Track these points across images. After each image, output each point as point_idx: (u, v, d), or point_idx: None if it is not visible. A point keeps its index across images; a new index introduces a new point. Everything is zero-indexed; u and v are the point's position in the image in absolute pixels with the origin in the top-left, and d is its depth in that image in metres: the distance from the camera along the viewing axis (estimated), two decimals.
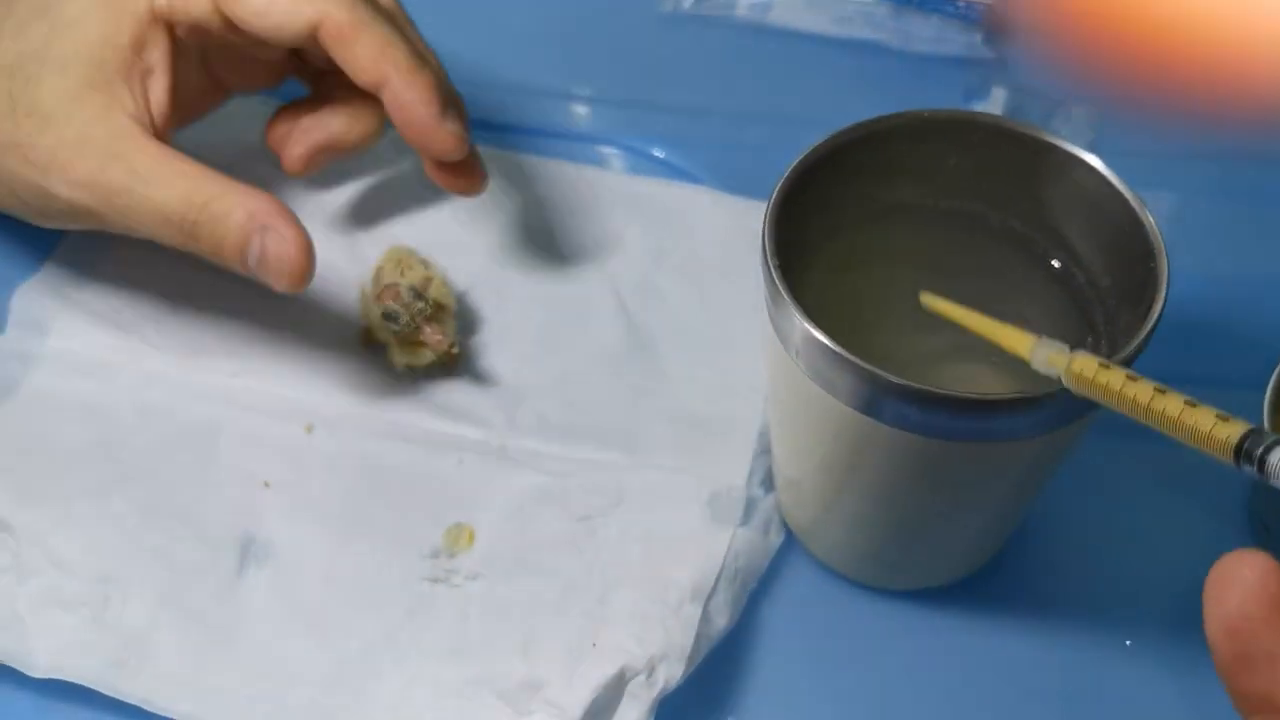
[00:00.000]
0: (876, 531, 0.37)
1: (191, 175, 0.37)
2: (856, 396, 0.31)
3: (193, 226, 0.37)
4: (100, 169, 0.37)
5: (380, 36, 0.38)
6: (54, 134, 0.37)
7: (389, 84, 0.38)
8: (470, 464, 0.40)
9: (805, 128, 0.50)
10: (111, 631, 0.36)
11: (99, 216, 0.38)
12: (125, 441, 0.40)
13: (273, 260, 0.37)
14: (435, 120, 0.39)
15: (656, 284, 0.45)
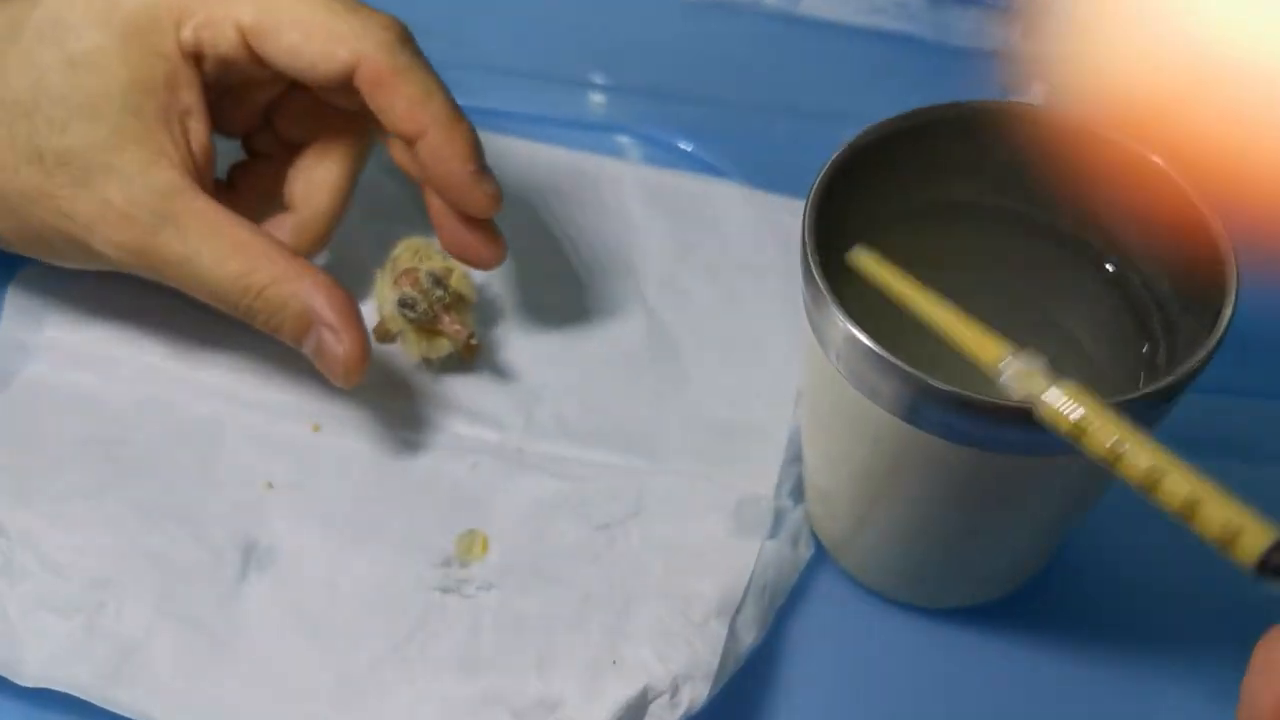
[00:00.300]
0: (913, 546, 0.35)
1: (246, 250, 0.35)
2: (899, 403, 0.29)
3: (247, 310, 0.36)
4: (150, 234, 0.35)
5: (421, 85, 0.36)
6: (95, 192, 0.35)
7: (427, 136, 0.36)
8: (485, 467, 0.38)
9: (835, 122, 0.48)
10: (105, 639, 0.34)
11: (143, 274, 0.36)
12: (124, 438, 0.38)
13: (328, 360, 0.36)
14: (473, 177, 0.37)
15: (682, 282, 0.44)
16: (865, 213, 0.34)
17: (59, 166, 0.35)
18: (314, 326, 0.36)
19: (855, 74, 0.51)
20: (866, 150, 0.33)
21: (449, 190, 0.37)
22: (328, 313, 0.35)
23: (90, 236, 0.35)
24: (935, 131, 0.33)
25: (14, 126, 0.35)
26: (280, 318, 0.36)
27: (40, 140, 0.35)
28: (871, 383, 0.29)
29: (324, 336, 0.36)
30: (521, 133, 0.47)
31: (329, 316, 0.35)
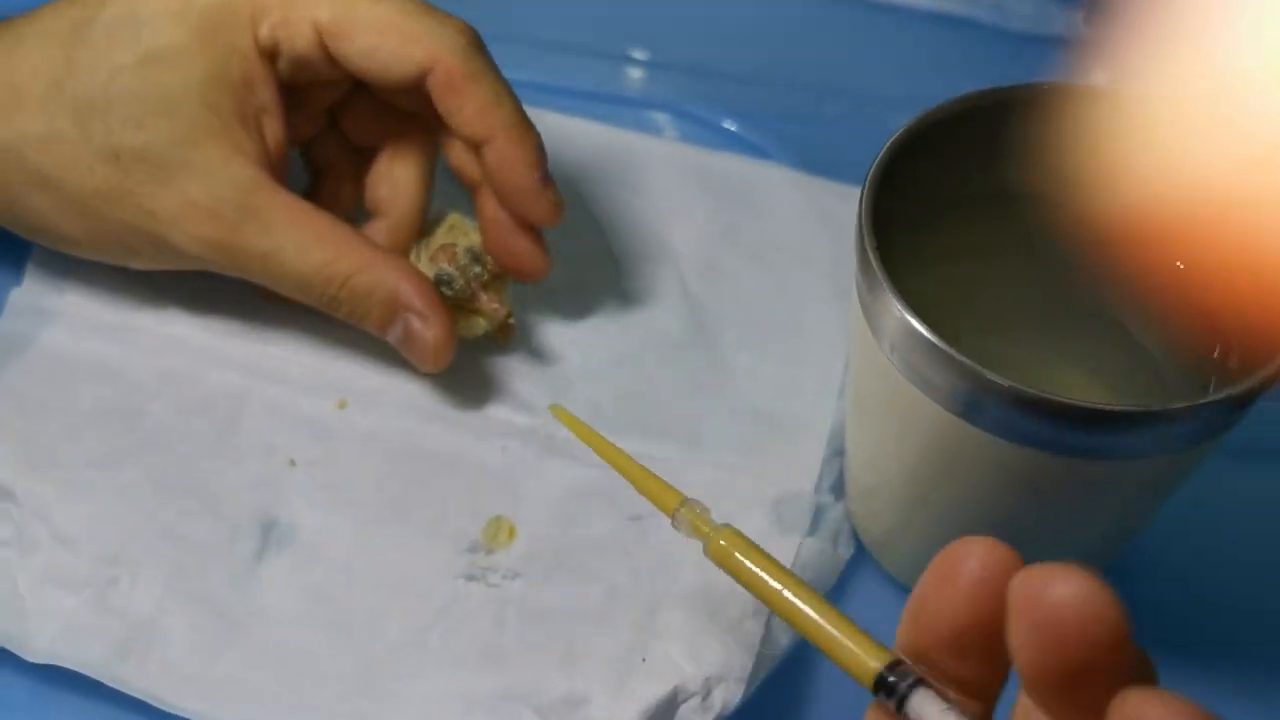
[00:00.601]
0: None
1: (330, 241, 0.35)
2: (955, 398, 0.28)
3: (331, 301, 0.36)
4: (233, 230, 0.35)
5: (492, 90, 0.36)
6: (175, 188, 0.35)
7: (495, 141, 0.36)
8: (514, 452, 0.37)
9: (886, 106, 0.47)
10: (116, 616, 0.33)
11: (222, 268, 0.36)
12: (142, 409, 0.37)
13: (416, 346, 0.36)
14: (539, 185, 0.37)
15: (724, 266, 0.42)
16: (921, 199, 0.32)
17: (136, 164, 0.34)
18: (400, 313, 0.36)
19: (908, 57, 0.49)
20: (926, 133, 0.31)
21: (512, 197, 0.37)
22: (415, 299, 0.36)
23: (172, 233, 0.35)
24: (998, 115, 0.32)
25: (88, 126, 0.34)
26: (367, 305, 0.36)
27: (115, 138, 0.34)
28: (927, 376, 0.28)
29: (411, 323, 0.36)
30: (561, 107, 0.46)
31: (416, 302, 0.36)
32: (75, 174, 0.35)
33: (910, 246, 0.32)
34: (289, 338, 0.39)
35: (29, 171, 0.35)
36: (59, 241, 0.37)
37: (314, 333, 0.39)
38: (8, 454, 0.36)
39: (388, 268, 0.36)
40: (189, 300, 0.39)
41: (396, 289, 0.35)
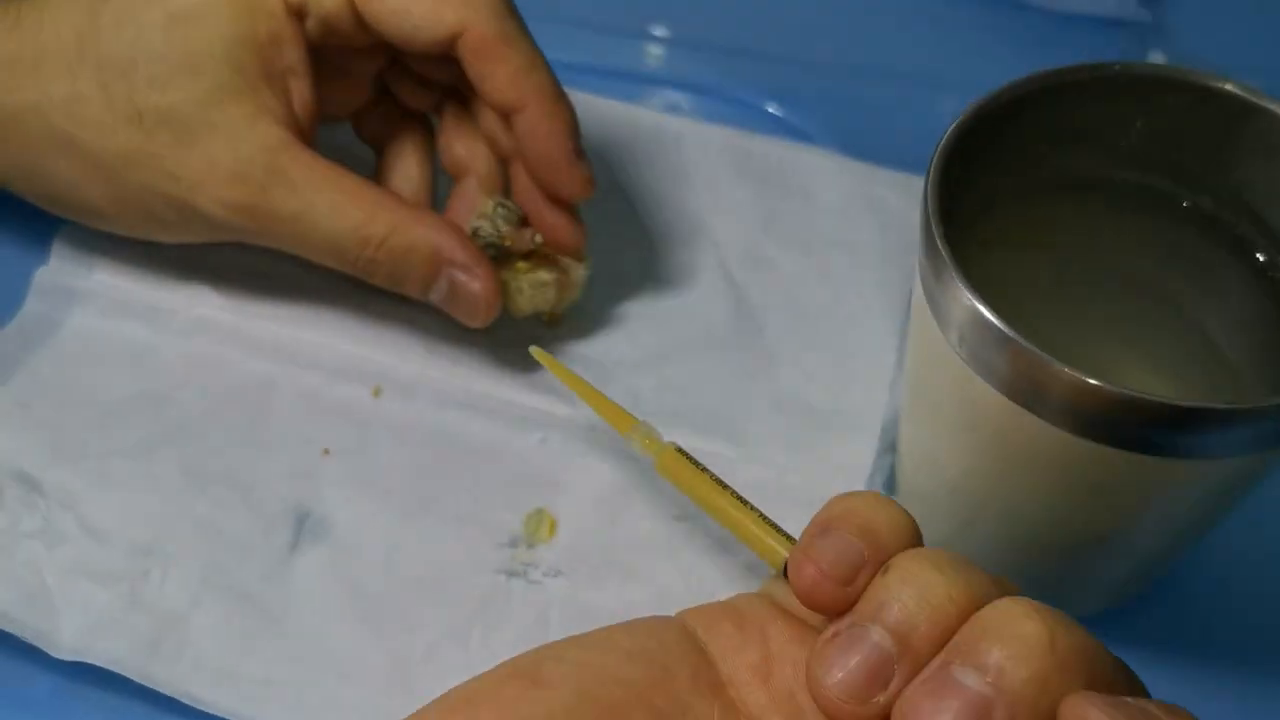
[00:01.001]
0: (1021, 552, 0.32)
1: (364, 200, 0.34)
2: (1027, 391, 0.26)
3: (369, 264, 0.34)
4: (260, 191, 0.34)
5: (525, 56, 0.35)
6: (200, 149, 0.33)
7: (527, 110, 0.35)
8: (555, 443, 0.36)
9: (934, 89, 0.46)
10: (146, 610, 0.32)
11: (251, 235, 0.35)
12: (172, 395, 0.36)
13: (463, 300, 0.35)
14: (570, 157, 0.35)
15: (767, 254, 0.41)
16: (985, 184, 0.31)
17: (160, 125, 0.33)
18: (443, 270, 0.34)
19: (957, 38, 0.48)
20: (991, 115, 0.30)
21: (543, 168, 0.35)
22: (458, 252, 0.34)
23: (196, 196, 0.34)
24: (1070, 96, 0.30)
25: (111, 87, 0.33)
26: (407, 265, 0.34)
27: (139, 99, 0.33)
28: (996, 367, 0.27)
29: (456, 278, 0.34)
30: (595, 88, 0.44)
31: (460, 255, 0.34)
32: (98, 136, 0.34)
33: (974, 233, 0.30)
34: (321, 321, 0.38)
35: (54, 134, 0.34)
36: (82, 211, 0.36)
37: (347, 316, 0.38)
38: (36, 443, 0.35)
39: (425, 224, 0.34)
40: (218, 281, 0.38)
41: (438, 244, 0.34)
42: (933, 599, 0.22)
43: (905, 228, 0.41)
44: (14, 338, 0.37)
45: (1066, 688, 0.21)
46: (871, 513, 0.24)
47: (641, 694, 0.23)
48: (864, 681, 0.22)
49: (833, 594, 0.23)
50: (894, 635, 0.22)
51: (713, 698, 0.24)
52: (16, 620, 0.32)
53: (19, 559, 0.33)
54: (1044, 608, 0.22)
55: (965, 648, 0.22)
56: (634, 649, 0.24)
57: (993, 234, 0.31)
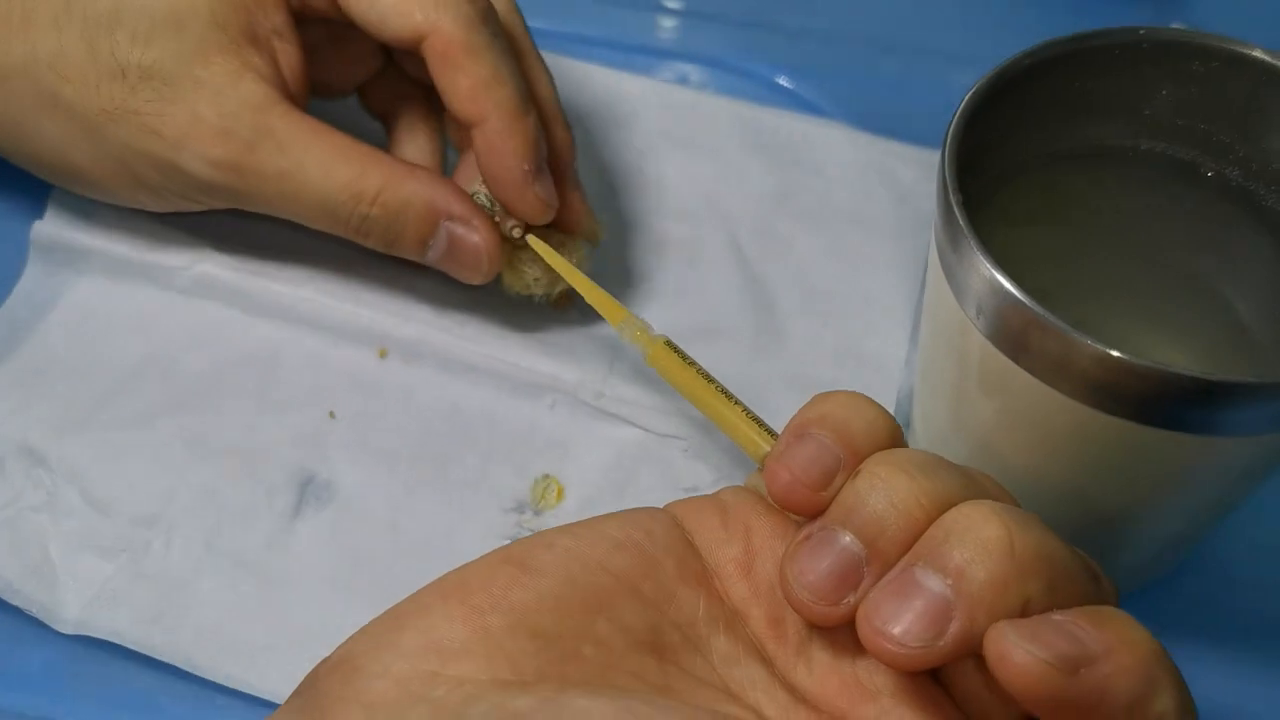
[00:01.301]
0: None
1: (354, 158, 0.33)
2: (1049, 366, 0.26)
3: (360, 222, 0.34)
4: (248, 149, 0.33)
5: (489, 68, 0.33)
6: (184, 105, 0.33)
7: (485, 125, 0.33)
8: (564, 408, 0.35)
9: (948, 61, 0.45)
10: (150, 581, 0.32)
11: (239, 198, 0.34)
12: (176, 360, 0.36)
13: (464, 254, 0.34)
14: (524, 179, 0.34)
15: (778, 229, 0.40)
16: (1004, 155, 0.30)
17: (143, 81, 0.33)
18: (440, 224, 0.34)
19: (973, 8, 0.47)
20: (1009, 84, 0.29)
21: (499, 186, 0.34)
22: (455, 205, 0.34)
23: (179, 154, 0.33)
24: (1091, 63, 0.30)
25: (95, 42, 0.33)
26: (401, 222, 0.34)
27: (122, 54, 0.33)
28: (1018, 341, 0.26)
29: (455, 231, 0.34)
30: (605, 60, 0.44)
31: (455, 208, 0.34)
32: (83, 93, 0.33)
33: (992, 206, 0.30)
34: (325, 281, 0.37)
35: (40, 92, 0.33)
36: (66, 172, 0.35)
37: (351, 277, 0.37)
38: (42, 416, 0.34)
39: (419, 178, 0.34)
40: (218, 236, 0.38)
41: (433, 197, 0.33)
42: (900, 503, 0.23)
43: (920, 203, 0.41)
44: (23, 302, 0.36)
45: (1026, 589, 0.22)
46: (848, 414, 0.25)
47: (629, 582, 0.24)
48: (833, 584, 0.23)
49: (806, 498, 0.24)
50: (863, 538, 0.23)
51: (698, 587, 0.25)
52: (21, 593, 0.31)
53: (24, 532, 0.32)
54: (1005, 510, 0.23)
55: (928, 550, 0.22)
56: (622, 539, 0.25)
57: (1012, 206, 0.30)
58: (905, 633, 0.22)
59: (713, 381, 0.30)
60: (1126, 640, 0.21)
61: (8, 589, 0.31)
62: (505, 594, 0.23)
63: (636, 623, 0.24)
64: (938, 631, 0.22)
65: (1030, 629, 0.21)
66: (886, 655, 0.22)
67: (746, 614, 0.25)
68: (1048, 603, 0.22)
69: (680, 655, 0.24)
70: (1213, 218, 0.30)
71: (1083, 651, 0.21)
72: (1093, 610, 0.22)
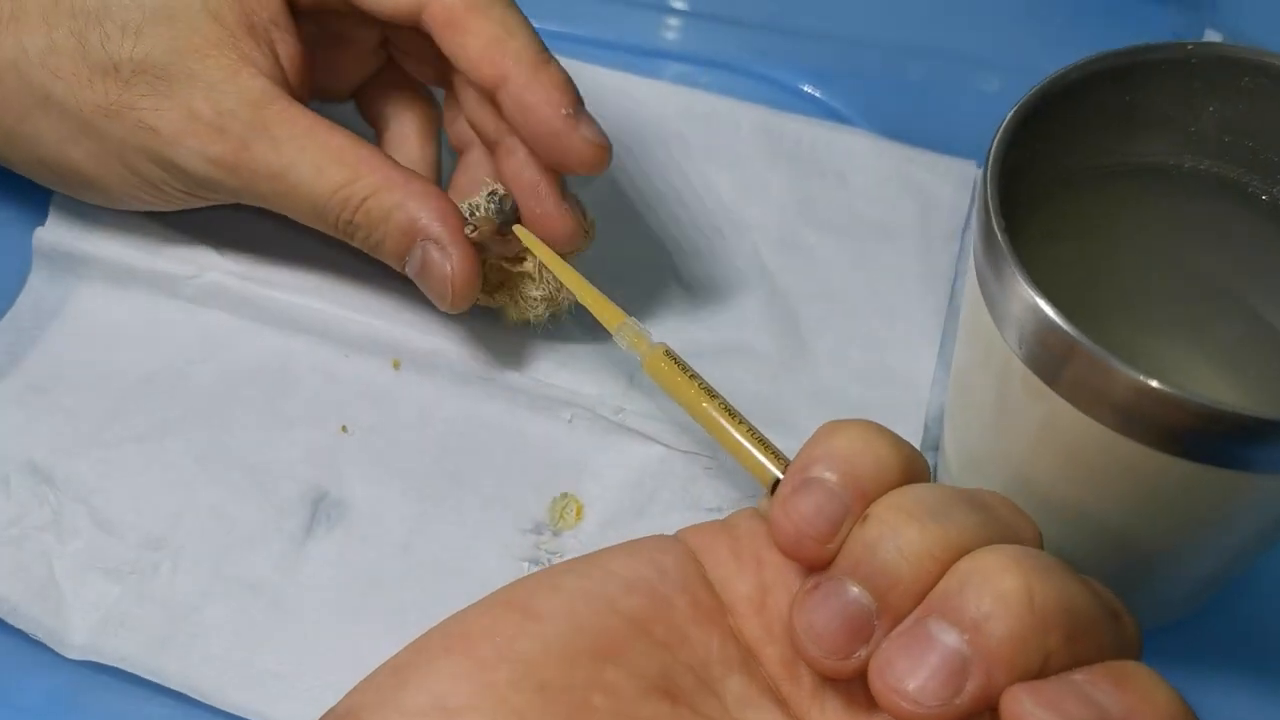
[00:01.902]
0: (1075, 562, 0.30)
1: (347, 160, 0.32)
2: (1091, 396, 0.24)
3: (346, 227, 0.32)
4: (242, 146, 0.32)
5: (497, 22, 0.32)
6: (178, 99, 0.32)
7: (508, 82, 0.32)
8: (583, 424, 0.34)
9: (975, 67, 0.44)
10: (158, 605, 0.31)
11: (235, 194, 0.33)
12: (185, 374, 0.35)
13: (432, 279, 0.32)
14: (568, 125, 0.32)
15: (802, 240, 0.39)
16: (1044, 171, 0.29)
17: (136, 75, 0.32)
18: (417, 242, 0.32)
19: (998, 13, 0.46)
20: (1056, 97, 0.28)
21: (542, 143, 0.32)
22: (434, 225, 0.32)
23: (175, 151, 0.32)
24: (1136, 79, 0.29)
25: (85, 36, 0.32)
26: (382, 232, 0.32)
27: (113, 49, 0.32)
28: (1062, 373, 0.25)
29: (430, 253, 0.32)
30: (622, 65, 0.43)
31: (434, 229, 0.32)
32: (75, 89, 0.32)
33: (1031, 223, 0.29)
34: (336, 291, 0.36)
35: (32, 89, 0.32)
36: (66, 175, 0.34)
37: (363, 286, 0.36)
38: (48, 431, 0.33)
39: (409, 190, 0.32)
40: (224, 244, 0.37)
41: (415, 214, 0.32)
42: (911, 554, 0.22)
43: (945, 212, 0.40)
44: (26, 313, 0.35)
45: (1046, 643, 0.21)
46: (857, 451, 0.23)
47: (640, 624, 0.23)
48: (844, 638, 0.22)
49: (814, 552, 0.23)
50: (873, 591, 0.22)
51: (710, 626, 0.24)
52: (26, 616, 0.30)
53: (29, 553, 0.31)
54: (1024, 558, 0.21)
55: (942, 602, 0.21)
56: (633, 578, 0.24)
57: (1052, 224, 0.29)
58: (921, 690, 0.21)
59: (716, 396, 0.28)
60: (1149, 700, 0.20)
61: (12, 612, 0.30)
62: (510, 645, 0.22)
63: (648, 667, 0.23)
64: (955, 689, 0.21)
65: (1049, 695, 0.20)
66: (903, 713, 0.21)
67: (760, 653, 0.24)
68: (1068, 654, 0.21)
69: (694, 698, 0.23)
70: (1262, 239, 0.29)
71: (1102, 717, 0.20)
72: (1116, 667, 0.21)
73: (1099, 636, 0.22)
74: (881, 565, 0.22)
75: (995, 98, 0.43)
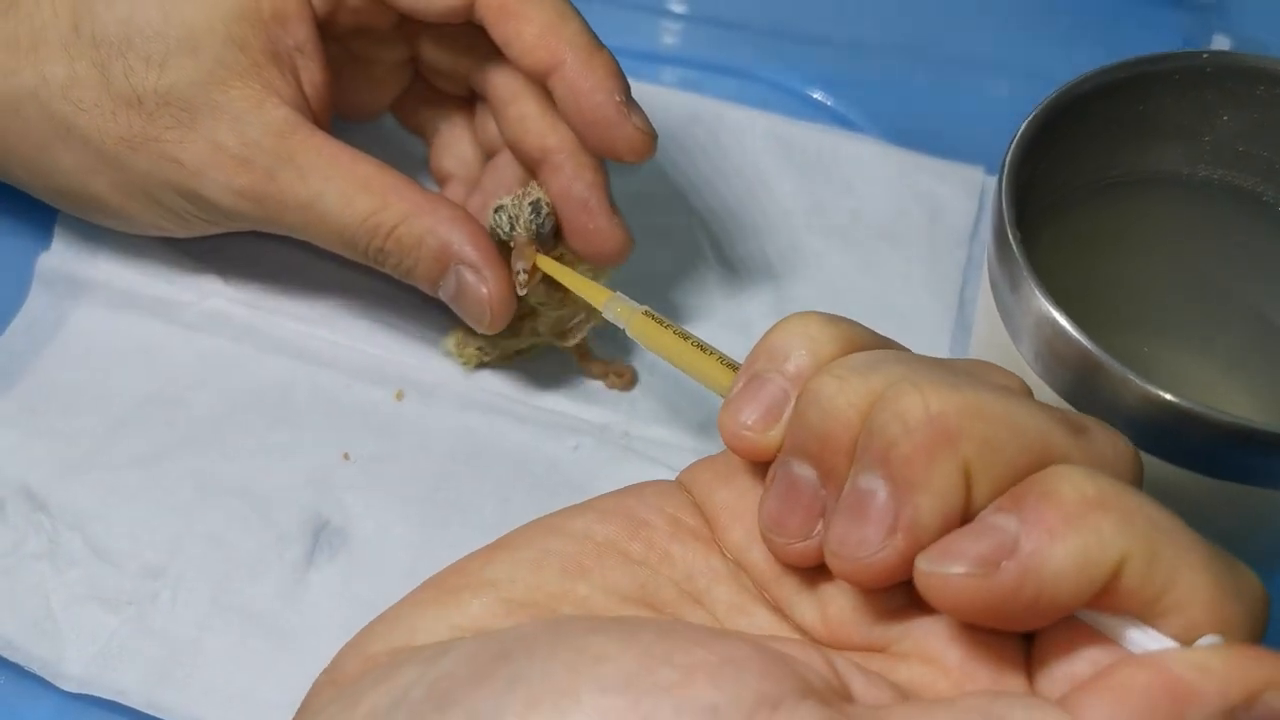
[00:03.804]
0: None
1: (374, 188, 0.32)
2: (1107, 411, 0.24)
3: (377, 254, 0.32)
4: (268, 177, 0.31)
5: (552, 9, 0.32)
6: (203, 134, 0.31)
7: (562, 67, 0.32)
8: (587, 450, 0.34)
9: (983, 72, 0.43)
10: (157, 636, 0.30)
11: (260, 223, 0.33)
12: (184, 397, 0.34)
13: (470, 302, 0.32)
14: (621, 112, 0.32)
15: (809, 247, 0.38)
16: (1057, 180, 0.29)
17: (160, 108, 0.31)
18: (452, 266, 0.32)
19: (1010, 18, 0.45)
20: (1069, 107, 0.28)
21: (594, 129, 0.32)
22: (468, 249, 0.32)
23: (200, 183, 0.32)
24: (1149, 87, 0.28)
25: (107, 67, 0.31)
26: (414, 258, 0.32)
27: (137, 80, 0.31)
28: (1074, 385, 0.25)
29: (465, 277, 0.32)
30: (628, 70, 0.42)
31: (469, 254, 0.32)
32: (98, 121, 0.32)
33: (1045, 233, 0.28)
34: (340, 319, 0.36)
35: (53, 120, 0.32)
36: (87, 203, 0.34)
37: (366, 314, 0.36)
38: (43, 455, 0.33)
39: (439, 215, 0.32)
40: (228, 271, 0.36)
41: (448, 239, 0.32)
42: (832, 408, 0.21)
43: (953, 219, 0.39)
44: (21, 335, 0.35)
45: (958, 453, 0.19)
46: (788, 340, 0.23)
47: (614, 546, 0.23)
48: (798, 518, 0.22)
49: (754, 443, 0.22)
50: (810, 460, 0.21)
51: (694, 543, 0.23)
52: (21, 649, 0.30)
53: (25, 582, 0.31)
54: (929, 377, 0.20)
55: (862, 450, 0.20)
56: (608, 507, 0.23)
57: (1065, 233, 0.29)
58: (858, 544, 0.20)
59: (689, 337, 0.28)
60: (1050, 496, 0.18)
61: (7, 646, 0.30)
62: (479, 572, 0.22)
63: (623, 583, 0.22)
64: (887, 530, 0.20)
65: (941, 545, 0.19)
66: (847, 574, 0.20)
67: (744, 560, 0.23)
68: (993, 463, 0.19)
69: (679, 609, 0.22)
70: (1274, 247, 0.29)
71: (1000, 540, 0.18)
72: (1038, 479, 0.19)
73: (1039, 448, 0.20)
74: (809, 429, 0.21)
75: (1004, 102, 0.43)
